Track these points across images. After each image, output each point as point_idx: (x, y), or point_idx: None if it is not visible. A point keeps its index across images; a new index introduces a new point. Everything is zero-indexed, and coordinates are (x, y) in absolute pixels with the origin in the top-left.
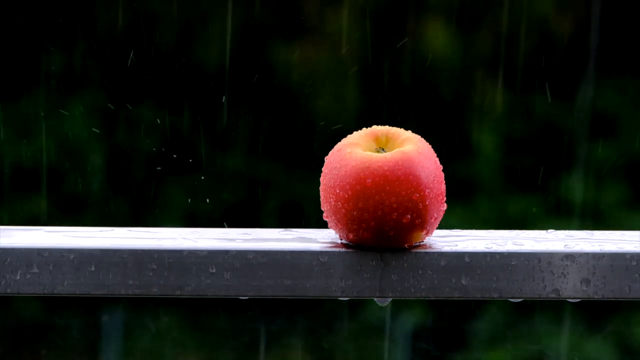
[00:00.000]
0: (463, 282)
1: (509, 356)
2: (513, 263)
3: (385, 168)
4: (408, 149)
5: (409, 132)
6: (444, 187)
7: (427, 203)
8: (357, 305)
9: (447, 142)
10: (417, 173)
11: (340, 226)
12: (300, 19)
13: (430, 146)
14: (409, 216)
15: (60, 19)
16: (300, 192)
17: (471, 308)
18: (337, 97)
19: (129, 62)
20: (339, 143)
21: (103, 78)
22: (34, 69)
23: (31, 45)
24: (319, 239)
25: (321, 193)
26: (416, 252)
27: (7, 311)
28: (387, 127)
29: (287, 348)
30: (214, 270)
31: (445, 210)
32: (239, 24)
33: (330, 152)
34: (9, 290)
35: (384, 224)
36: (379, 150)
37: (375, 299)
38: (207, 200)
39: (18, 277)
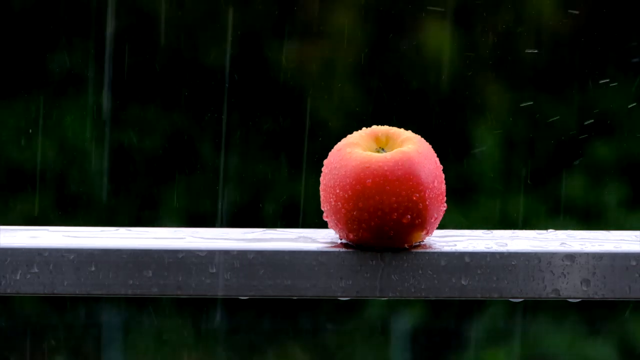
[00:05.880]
0: (463, 282)
1: (509, 356)
2: (513, 263)
3: (385, 168)
4: (408, 149)
5: (409, 132)
6: (444, 187)
7: (427, 203)
8: (357, 305)
9: (447, 142)
10: (417, 173)
11: (340, 226)
12: (300, 19)
13: (430, 146)
14: (409, 216)
15: (61, 19)
16: (301, 192)
17: (471, 308)
18: (337, 96)
19: (130, 62)
20: (339, 143)
21: (104, 78)
22: (35, 68)
23: (32, 45)
24: (319, 239)
25: (321, 193)
26: (416, 252)
27: (7, 311)
28: (387, 127)
29: (287, 348)
30: (214, 270)
31: (446, 210)
32: (240, 24)
33: (330, 152)
34: (9, 290)
35: (384, 224)
36: (379, 150)
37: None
38: (208, 200)
39: (18, 277)
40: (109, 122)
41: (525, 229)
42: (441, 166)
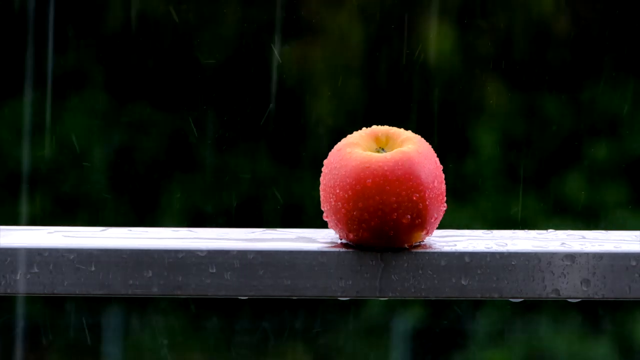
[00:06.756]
0: (463, 282)
1: (509, 356)
2: (513, 263)
3: (386, 168)
4: (408, 149)
5: (409, 132)
6: (444, 187)
7: (427, 203)
8: (357, 305)
9: (447, 141)
10: (417, 173)
11: (340, 226)
12: (300, 18)
13: (430, 146)
14: (409, 216)
15: (60, 19)
16: (301, 192)
17: (471, 308)
18: (337, 96)
19: (130, 61)
20: (339, 143)
21: (104, 78)
22: (35, 69)
23: (32, 45)
24: (319, 239)
25: (321, 193)
26: (416, 252)
27: (7, 311)
28: (387, 127)
29: (287, 348)
30: (214, 270)
31: (446, 210)
32: (240, 23)
33: (330, 152)
34: (9, 290)
35: (384, 224)
36: (379, 150)
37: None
38: (208, 200)
39: (18, 277)
40: (109, 122)
41: (525, 229)
42: (441, 166)
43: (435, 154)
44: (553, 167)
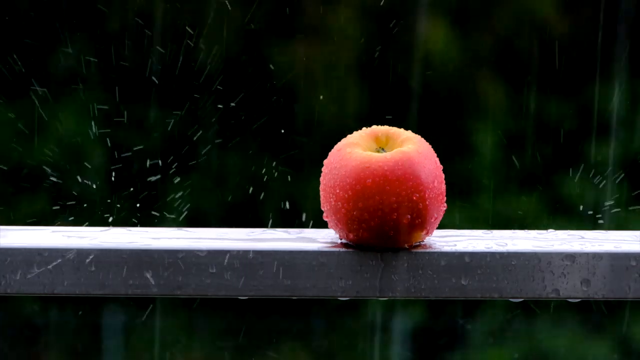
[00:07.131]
0: (463, 282)
1: (509, 356)
2: (513, 263)
3: (386, 168)
4: (408, 149)
5: (409, 132)
6: (444, 187)
7: (427, 203)
8: (357, 305)
9: (447, 141)
10: (417, 173)
11: (340, 226)
12: (300, 18)
13: (430, 146)
14: (409, 216)
15: (60, 18)
16: (300, 192)
17: (471, 308)
18: (337, 96)
19: (130, 61)
20: (339, 143)
21: (103, 78)
22: (35, 68)
23: (32, 45)
24: (319, 239)
25: (321, 193)
26: (416, 252)
27: (7, 311)
28: (387, 127)
29: (287, 348)
30: (214, 270)
31: (446, 210)
32: (239, 23)
33: (330, 152)
34: (9, 290)
35: (384, 224)
36: (379, 150)
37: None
38: (208, 200)
39: (18, 277)
40: (109, 122)
41: (525, 229)
42: (441, 166)
43: (435, 154)
44: (553, 167)
